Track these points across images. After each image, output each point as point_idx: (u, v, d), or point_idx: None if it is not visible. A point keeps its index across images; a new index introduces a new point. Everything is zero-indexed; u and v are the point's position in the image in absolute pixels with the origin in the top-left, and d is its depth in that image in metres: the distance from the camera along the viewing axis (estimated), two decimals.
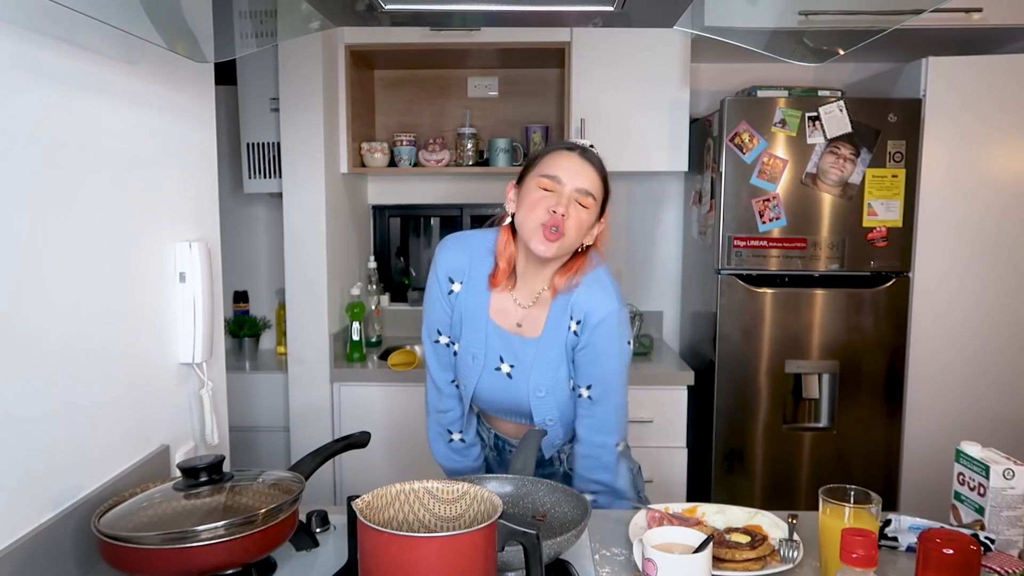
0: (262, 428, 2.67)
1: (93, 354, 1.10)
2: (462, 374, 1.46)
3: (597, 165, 1.35)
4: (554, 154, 1.35)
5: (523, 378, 1.41)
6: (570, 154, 1.34)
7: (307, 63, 2.47)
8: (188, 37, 1.18)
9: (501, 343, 1.42)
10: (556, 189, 1.32)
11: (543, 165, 1.34)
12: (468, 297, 1.43)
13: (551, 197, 1.31)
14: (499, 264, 1.41)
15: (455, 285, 1.45)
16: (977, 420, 2.51)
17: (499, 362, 1.43)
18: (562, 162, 1.33)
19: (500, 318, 1.42)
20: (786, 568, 1.08)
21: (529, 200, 1.33)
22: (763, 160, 2.41)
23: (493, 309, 1.43)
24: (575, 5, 1.16)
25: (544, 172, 1.33)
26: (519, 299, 1.42)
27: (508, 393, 1.43)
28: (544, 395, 1.40)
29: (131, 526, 0.96)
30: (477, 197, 3.09)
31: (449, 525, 0.94)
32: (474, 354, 1.43)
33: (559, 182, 1.31)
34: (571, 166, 1.32)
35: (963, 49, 2.60)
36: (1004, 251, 2.46)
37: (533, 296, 1.41)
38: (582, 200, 1.32)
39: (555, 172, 1.32)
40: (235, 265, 2.93)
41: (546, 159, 1.35)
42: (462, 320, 1.44)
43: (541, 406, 1.41)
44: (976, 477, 1.13)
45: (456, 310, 1.45)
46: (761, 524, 1.21)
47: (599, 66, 2.63)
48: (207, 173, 1.47)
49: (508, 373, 1.42)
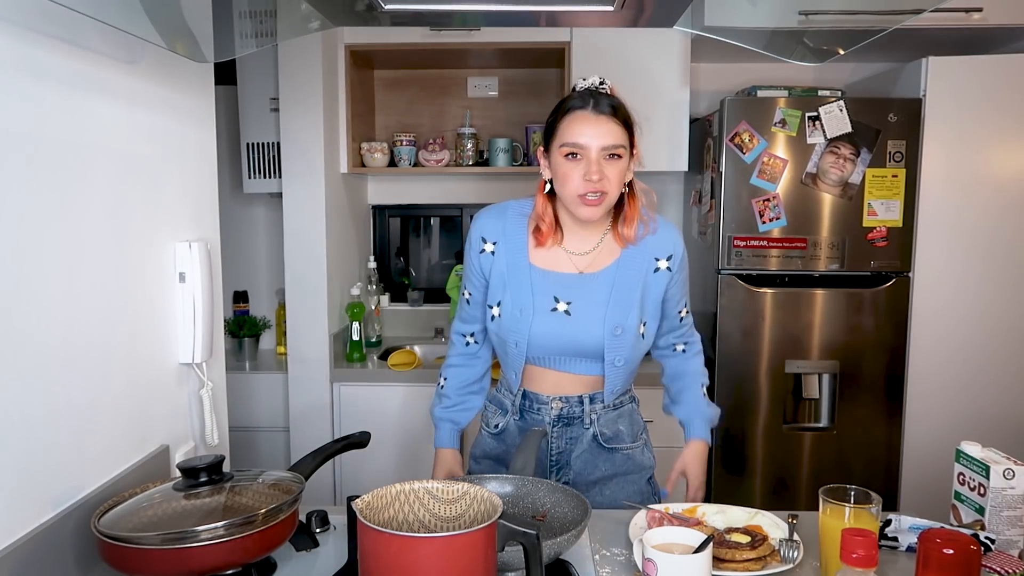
0: (262, 428, 2.67)
1: (93, 354, 1.10)
2: (511, 332, 1.43)
3: (613, 112, 1.33)
4: (568, 118, 1.33)
5: (586, 315, 1.40)
6: (583, 113, 1.32)
7: (307, 63, 2.47)
8: (188, 37, 1.18)
9: (550, 284, 1.42)
10: (582, 154, 1.32)
11: (562, 132, 1.34)
12: (506, 252, 1.44)
13: (580, 165, 1.32)
14: (541, 227, 1.42)
15: (487, 245, 1.46)
16: (977, 420, 2.51)
17: (553, 303, 1.41)
18: (579, 127, 1.32)
19: (546, 264, 1.43)
20: (786, 568, 1.08)
21: (560, 172, 1.34)
22: (763, 160, 2.41)
23: (536, 256, 1.43)
24: (575, 5, 1.16)
25: (565, 141, 1.33)
26: (572, 248, 1.43)
27: (567, 333, 1.41)
28: (621, 334, 1.40)
29: (131, 526, 0.96)
30: (477, 197, 3.09)
31: (449, 525, 0.94)
32: (522, 307, 1.42)
33: (583, 147, 1.31)
34: (588, 128, 1.31)
35: (963, 49, 2.60)
36: (1004, 251, 2.46)
37: (589, 246, 1.43)
38: (611, 152, 1.32)
39: (575, 139, 1.31)
40: (235, 265, 2.93)
41: (563, 125, 1.34)
42: (504, 279, 1.44)
43: (616, 345, 1.40)
44: (976, 477, 1.13)
45: (495, 269, 1.45)
46: (761, 524, 1.21)
47: (599, 66, 2.61)
48: (207, 173, 1.47)
49: (566, 311, 1.40)
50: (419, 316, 3.09)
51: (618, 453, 1.49)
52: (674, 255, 1.44)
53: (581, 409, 1.46)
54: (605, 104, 1.33)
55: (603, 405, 1.46)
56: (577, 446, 1.47)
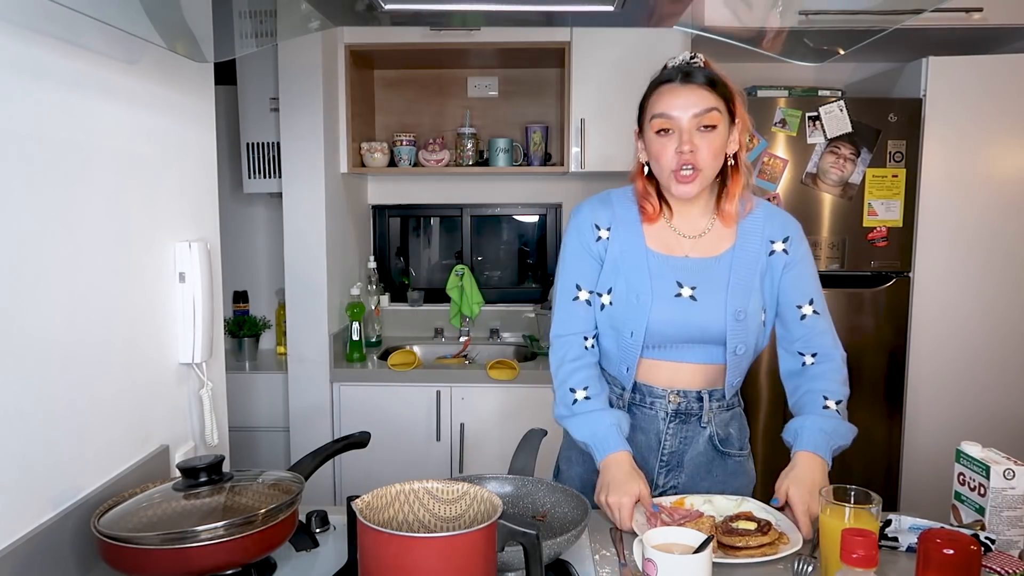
0: (262, 428, 2.67)
1: (93, 354, 1.10)
2: (626, 320, 1.34)
3: (705, 81, 1.27)
4: (657, 92, 1.29)
5: (712, 300, 1.32)
6: (671, 86, 1.27)
7: (307, 63, 2.47)
8: (188, 37, 1.18)
9: (671, 269, 1.34)
10: (673, 127, 1.27)
11: (652, 105, 1.29)
12: (621, 237, 1.37)
13: (672, 139, 1.27)
14: (646, 207, 1.36)
15: (602, 232, 1.38)
16: (977, 420, 2.51)
17: (677, 288, 1.33)
18: (667, 99, 1.27)
19: (663, 248, 1.36)
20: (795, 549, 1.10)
21: (653, 149, 1.29)
22: (763, 160, 2.41)
23: (652, 240, 1.37)
24: (575, 5, 1.16)
25: (655, 112, 1.28)
26: (681, 230, 1.37)
27: (691, 320, 1.32)
28: (744, 319, 1.32)
29: (131, 526, 0.96)
30: (477, 197, 3.09)
31: (449, 525, 0.94)
32: (639, 292, 1.34)
33: (672, 119, 1.26)
34: (676, 100, 1.26)
35: (963, 49, 2.60)
36: (1004, 251, 2.46)
37: (700, 228, 1.36)
38: (705, 122, 1.26)
39: (664, 110, 1.27)
40: (235, 265, 2.93)
41: (653, 99, 1.30)
42: (617, 264, 1.36)
43: (739, 330, 1.32)
44: (976, 477, 1.13)
45: (609, 255, 1.37)
46: (751, 510, 1.22)
47: (599, 66, 2.63)
48: (207, 173, 1.47)
49: (691, 296, 1.32)
50: (419, 316, 3.10)
51: (731, 459, 1.41)
52: (791, 238, 1.36)
53: (700, 406, 1.36)
54: (697, 75, 1.27)
55: (719, 404, 1.38)
56: (692, 447, 1.38)
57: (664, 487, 1.39)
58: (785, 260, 1.35)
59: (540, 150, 2.88)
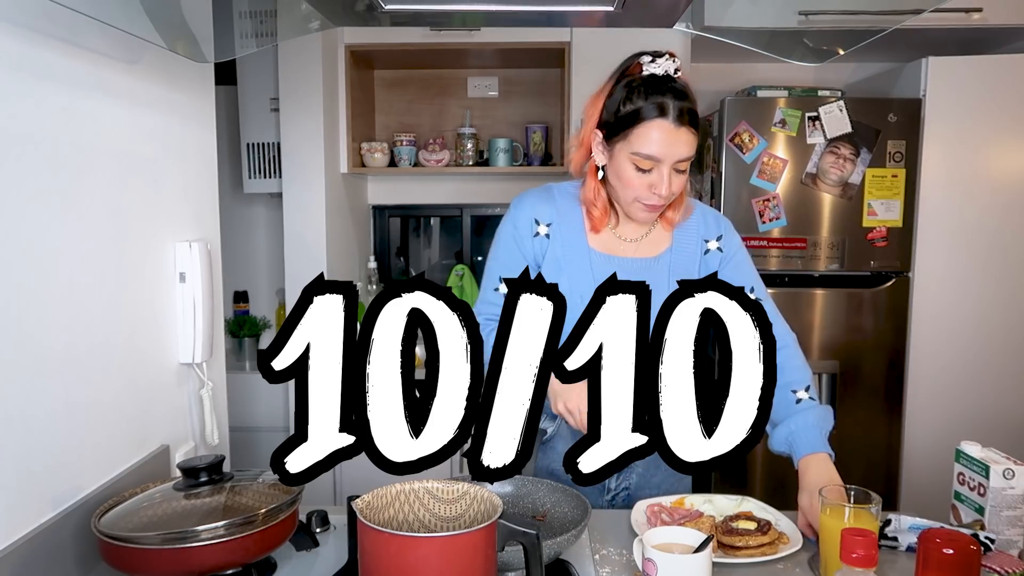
0: (262, 428, 2.66)
1: (93, 354, 1.10)
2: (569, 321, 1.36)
3: (695, 121, 1.24)
4: (646, 125, 1.22)
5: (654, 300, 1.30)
6: (663, 123, 1.21)
7: (307, 63, 2.47)
8: (188, 37, 1.18)
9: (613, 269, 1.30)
10: (654, 167, 1.24)
11: (636, 139, 1.23)
12: (562, 236, 1.36)
13: (650, 176, 1.24)
14: (593, 212, 1.35)
15: (541, 227, 1.36)
16: (977, 420, 2.51)
17: None
18: (657, 136, 1.22)
19: (605, 248, 1.37)
20: (796, 549, 1.10)
21: (625, 176, 1.26)
22: (763, 160, 2.41)
23: (593, 240, 1.37)
24: (575, 5, 1.16)
25: (638, 150, 1.23)
26: (624, 235, 1.37)
27: None
28: None
29: (131, 526, 0.96)
30: (477, 197, 3.09)
31: (449, 525, 0.94)
32: (582, 294, 1.29)
33: (656, 160, 1.23)
34: (667, 140, 1.22)
35: (963, 49, 2.60)
36: (1004, 251, 2.47)
37: (643, 231, 1.38)
38: (683, 165, 1.25)
39: (651, 151, 1.22)
40: (235, 265, 2.93)
41: (639, 131, 1.23)
42: (559, 264, 1.35)
43: None
44: (976, 477, 1.13)
45: (550, 253, 1.36)
46: (751, 510, 1.22)
47: (599, 66, 2.61)
48: (207, 173, 1.47)
49: None
50: None
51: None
52: (723, 235, 1.38)
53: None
54: (686, 113, 1.23)
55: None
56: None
57: (616, 490, 1.40)
58: (720, 257, 1.39)
59: (540, 150, 2.88)
